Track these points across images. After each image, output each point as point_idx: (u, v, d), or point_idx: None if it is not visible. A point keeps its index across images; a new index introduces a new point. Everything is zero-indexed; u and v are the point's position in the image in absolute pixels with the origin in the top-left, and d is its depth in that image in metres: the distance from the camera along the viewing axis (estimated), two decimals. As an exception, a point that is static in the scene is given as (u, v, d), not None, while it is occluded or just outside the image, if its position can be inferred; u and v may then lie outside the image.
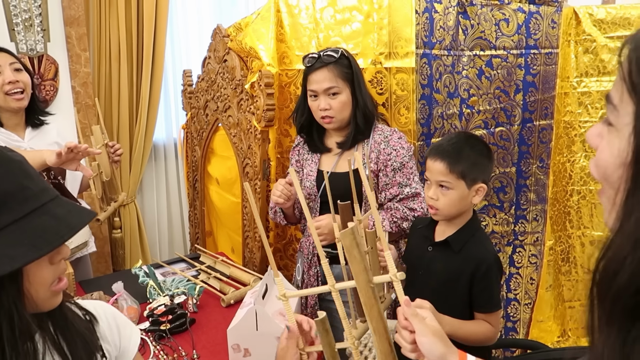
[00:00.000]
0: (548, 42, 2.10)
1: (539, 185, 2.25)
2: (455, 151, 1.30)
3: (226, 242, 2.45)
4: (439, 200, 1.31)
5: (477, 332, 1.29)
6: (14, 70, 1.75)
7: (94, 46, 2.55)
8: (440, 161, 1.30)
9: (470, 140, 1.35)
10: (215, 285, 1.83)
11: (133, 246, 2.80)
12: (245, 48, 1.97)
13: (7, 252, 0.59)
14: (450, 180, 1.29)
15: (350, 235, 0.80)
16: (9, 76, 1.72)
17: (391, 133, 1.63)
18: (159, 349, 1.45)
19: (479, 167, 1.30)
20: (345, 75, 1.60)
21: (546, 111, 2.19)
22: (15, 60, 1.78)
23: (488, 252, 1.32)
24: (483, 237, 1.37)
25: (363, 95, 1.63)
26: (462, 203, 1.31)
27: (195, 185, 2.59)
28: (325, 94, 1.60)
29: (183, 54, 2.94)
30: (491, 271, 1.30)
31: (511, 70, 2.04)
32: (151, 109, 2.71)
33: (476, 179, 1.30)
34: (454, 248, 1.32)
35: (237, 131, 2.10)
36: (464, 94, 1.96)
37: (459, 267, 1.29)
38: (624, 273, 0.43)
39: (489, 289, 1.30)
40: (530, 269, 2.31)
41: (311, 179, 1.71)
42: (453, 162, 1.28)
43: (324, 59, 1.59)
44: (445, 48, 1.86)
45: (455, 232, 1.34)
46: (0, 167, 0.64)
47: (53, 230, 0.64)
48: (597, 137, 0.53)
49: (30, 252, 0.61)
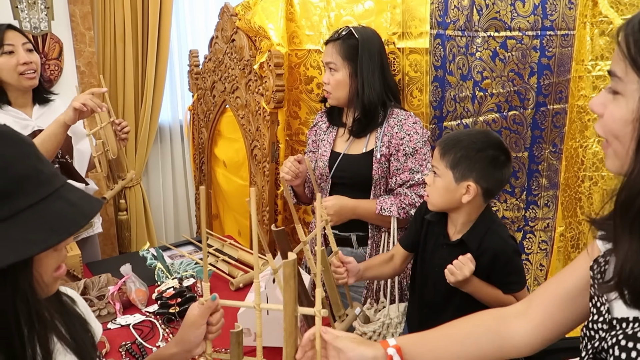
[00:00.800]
0: (565, 24, 2.04)
1: (551, 171, 2.21)
2: (453, 140, 1.27)
3: (233, 225, 2.43)
4: (431, 187, 1.30)
5: (499, 298, 1.27)
6: (27, 50, 1.74)
7: (99, 25, 2.50)
8: (437, 147, 1.29)
9: (477, 135, 1.28)
10: (223, 268, 1.81)
11: (139, 228, 2.79)
12: (254, 27, 1.92)
13: (28, 237, 0.59)
14: (439, 167, 1.27)
15: (291, 266, 0.83)
16: (23, 57, 1.72)
17: (406, 117, 1.59)
18: (167, 332, 1.44)
19: (469, 161, 1.24)
20: (348, 54, 1.57)
21: (560, 95, 2.14)
22: (27, 40, 1.77)
23: (506, 243, 1.29)
24: (499, 228, 1.32)
25: (366, 81, 1.57)
26: (449, 196, 1.27)
27: (201, 167, 2.56)
28: (328, 68, 1.61)
29: (189, 33, 2.89)
30: (512, 261, 1.28)
31: (526, 53, 1.99)
32: (157, 90, 2.67)
33: (466, 175, 1.24)
34: (471, 247, 1.28)
35: (245, 113, 2.06)
36: (477, 77, 1.92)
37: (476, 262, 1.25)
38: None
39: (512, 273, 1.28)
40: (540, 255, 2.29)
41: (324, 159, 1.68)
42: (445, 150, 1.26)
43: (333, 35, 1.62)
44: (459, 29, 1.81)
45: (469, 229, 1.31)
46: (15, 148, 0.63)
47: (69, 216, 0.64)
48: (601, 105, 0.66)
49: (51, 238, 0.61)
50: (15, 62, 1.70)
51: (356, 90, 1.59)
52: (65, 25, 2.43)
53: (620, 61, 0.61)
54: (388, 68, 1.64)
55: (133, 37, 2.54)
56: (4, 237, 0.58)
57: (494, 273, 1.27)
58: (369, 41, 1.59)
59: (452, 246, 1.32)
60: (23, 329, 0.62)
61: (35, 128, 1.80)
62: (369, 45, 1.59)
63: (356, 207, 1.58)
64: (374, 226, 1.64)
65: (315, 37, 1.88)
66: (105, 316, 1.49)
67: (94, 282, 1.57)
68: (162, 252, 1.83)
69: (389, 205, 1.56)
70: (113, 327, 1.46)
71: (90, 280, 1.57)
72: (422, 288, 1.42)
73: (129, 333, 1.44)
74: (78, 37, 2.45)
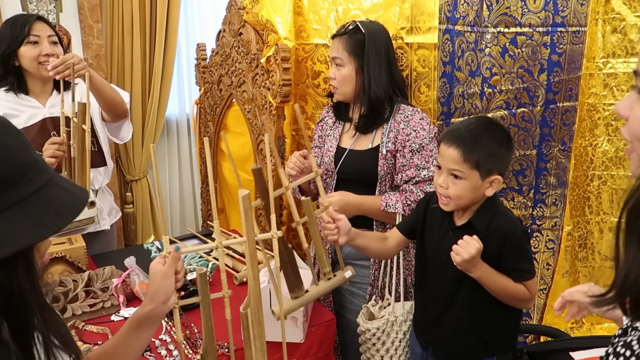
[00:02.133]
0: (576, 20, 2.01)
1: (560, 169, 2.19)
2: (473, 138, 1.21)
3: (238, 220, 2.43)
4: (449, 189, 1.24)
5: (508, 288, 1.24)
6: (51, 42, 1.79)
7: (107, 18, 2.50)
8: (454, 148, 1.22)
9: (490, 127, 1.26)
10: (228, 262, 1.81)
11: (145, 222, 2.80)
12: (262, 21, 1.91)
13: (38, 221, 0.61)
14: (463, 169, 1.22)
15: (247, 200, 1.04)
16: (46, 48, 1.76)
17: (413, 113, 1.58)
18: (171, 325, 1.44)
19: (496, 157, 1.22)
20: (354, 49, 1.56)
21: (571, 92, 2.11)
22: (53, 33, 1.81)
23: (515, 224, 1.27)
24: (506, 211, 1.32)
25: (372, 76, 1.56)
26: (474, 194, 1.24)
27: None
28: (334, 63, 1.60)
29: (197, 27, 2.88)
30: (521, 242, 1.25)
31: (536, 49, 1.97)
32: (164, 84, 2.67)
33: (492, 170, 1.22)
34: (478, 228, 1.26)
35: (251, 107, 2.06)
36: (486, 73, 1.90)
37: (486, 246, 1.23)
38: None
39: (520, 260, 1.25)
40: (547, 254, 2.27)
41: (330, 155, 1.67)
42: (468, 151, 1.20)
43: (340, 30, 1.60)
44: (469, 24, 1.79)
45: (476, 212, 1.29)
46: (17, 138, 0.65)
47: (69, 201, 0.66)
48: (627, 108, 0.64)
49: (58, 221, 0.63)
50: (37, 53, 1.75)
51: (362, 86, 1.57)
52: (74, 18, 2.43)
53: None
54: (395, 63, 1.62)
55: (141, 30, 2.54)
56: (17, 219, 0.59)
57: (503, 257, 1.24)
58: (376, 36, 1.57)
59: (459, 231, 1.28)
60: (36, 312, 0.64)
61: (46, 115, 1.84)
62: (376, 40, 1.57)
63: (361, 203, 1.57)
64: (379, 222, 1.63)
65: (323, 31, 1.87)
66: (108, 308, 1.50)
67: (98, 274, 1.57)
68: (167, 246, 1.83)
69: (394, 202, 1.54)
70: (116, 319, 1.47)
71: (94, 273, 1.57)
72: (428, 280, 1.39)
73: (132, 325, 1.44)
74: (86, 30, 2.45)
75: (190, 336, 1.40)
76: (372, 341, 1.54)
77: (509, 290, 1.24)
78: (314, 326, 1.47)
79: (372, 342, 1.54)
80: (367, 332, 1.53)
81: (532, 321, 2.29)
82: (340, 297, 1.75)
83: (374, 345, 1.54)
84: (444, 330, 1.36)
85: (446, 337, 1.36)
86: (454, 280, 1.29)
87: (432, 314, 1.39)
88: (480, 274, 1.22)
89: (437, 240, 1.36)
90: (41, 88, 1.85)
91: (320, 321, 1.50)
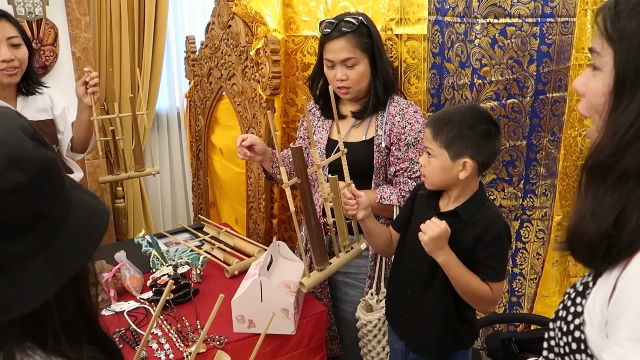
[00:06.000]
0: (565, 11, 2.02)
1: (550, 160, 2.20)
2: (446, 119, 1.26)
3: (230, 213, 2.43)
4: (425, 168, 1.30)
5: (472, 283, 1.23)
6: (11, 46, 1.66)
7: (94, 11, 2.48)
8: (428, 126, 1.28)
9: (467, 111, 1.27)
10: (219, 255, 1.81)
11: (136, 216, 2.79)
12: (251, 13, 1.90)
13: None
14: (433, 147, 1.26)
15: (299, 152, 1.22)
16: (4, 54, 1.63)
17: (407, 106, 1.57)
18: (162, 318, 1.44)
19: (463, 139, 1.24)
20: (364, 45, 1.53)
21: (560, 83, 2.12)
22: (15, 33, 1.67)
23: (499, 217, 1.28)
24: (493, 206, 1.34)
25: (384, 63, 1.56)
26: (445, 174, 1.27)
27: (198, 155, 2.55)
28: (343, 64, 1.53)
29: (186, 19, 2.86)
30: (500, 238, 1.25)
31: (525, 40, 1.97)
32: (153, 77, 2.65)
33: (461, 152, 1.24)
34: (463, 218, 1.27)
35: (241, 100, 2.05)
36: (475, 64, 1.90)
37: (465, 233, 1.24)
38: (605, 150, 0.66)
39: (495, 257, 1.25)
40: (537, 244, 2.28)
41: (321, 147, 1.67)
42: (438, 130, 1.25)
43: (342, 28, 1.50)
44: (458, 15, 1.79)
45: (463, 202, 1.30)
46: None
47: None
48: (583, 84, 0.72)
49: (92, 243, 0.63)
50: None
51: (374, 77, 1.56)
52: (61, 11, 2.40)
53: (598, 38, 0.68)
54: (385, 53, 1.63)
55: (129, 23, 2.52)
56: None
57: (479, 249, 1.24)
58: (374, 27, 1.57)
59: (443, 217, 1.28)
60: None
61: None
62: (376, 31, 1.57)
63: None
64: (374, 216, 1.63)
65: (313, 23, 1.86)
66: (99, 303, 1.49)
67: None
68: (158, 240, 1.83)
69: (389, 194, 1.55)
70: (107, 313, 1.46)
71: (85, 267, 1.56)
72: (404, 266, 1.39)
73: (123, 320, 1.44)
74: (73, 23, 2.42)
75: (182, 329, 1.40)
76: (373, 332, 1.55)
77: (472, 286, 1.24)
78: (305, 318, 1.48)
79: (374, 333, 1.55)
80: (369, 324, 1.54)
81: (522, 310, 2.31)
82: (336, 288, 1.75)
83: (375, 337, 1.55)
84: (416, 319, 1.36)
85: (420, 327, 1.36)
86: (430, 266, 1.28)
87: (406, 302, 1.39)
88: (446, 259, 1.22)
89: (417, 227, 1.36)
90: (5, 93, 1.73)
91: (311, 313, 1.50)
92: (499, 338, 1.43)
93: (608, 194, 0.66)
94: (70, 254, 0.57)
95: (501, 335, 1.48)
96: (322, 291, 1.73)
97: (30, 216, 0.54)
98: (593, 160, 0.68)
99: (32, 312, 0.53)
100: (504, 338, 1.30)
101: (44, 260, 0.54)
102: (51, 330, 0.57)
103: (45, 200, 0.55)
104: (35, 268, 0.54)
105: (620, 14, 0.66)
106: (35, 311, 0.53)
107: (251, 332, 1.39)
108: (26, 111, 1.79)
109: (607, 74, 0.67)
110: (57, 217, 0.57)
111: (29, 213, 0.54)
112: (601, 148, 0.67)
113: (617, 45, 0.66)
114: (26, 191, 0.53)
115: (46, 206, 0.55)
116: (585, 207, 0.68)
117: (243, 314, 1.38)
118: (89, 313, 0.63)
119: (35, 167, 0.54)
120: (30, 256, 0.54)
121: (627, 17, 0.66)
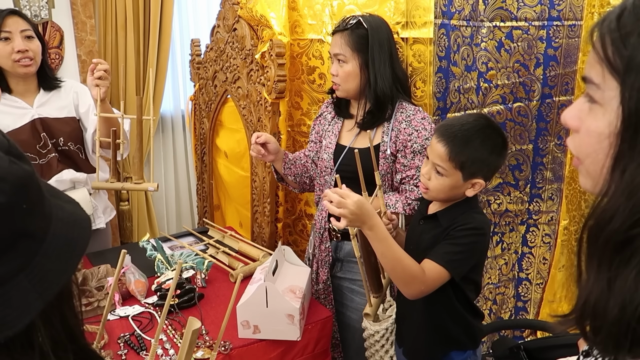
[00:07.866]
0: (572, 14, 2.00)
1: (556, 164, 2.19)
2: (464, 139, 1.18)
3: (234, 217, 2.42)
4: (430, 182, 1.24)
5: (402, 258, 1.16)
6: (25, 37, 1.70)
7: (100, 14, 2.48)
8: (443, 145, 1.19)
9: (486, 130, 1.22)
10: (223, 260, 1.81)
11: (140, 219, 2.78)
12: (256, 16, 1.90)
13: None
14: (447, 167, 1.20)
15: None
16: (18, 44, 1.68)
17: (414, 113, 1.55)
18: (167, 323, 1.43)
19: (482, 163, 1.20)
20: (357, 45, 1.52)
21: (567, 87, 2.11)
22: (28, 27, 1.72)
23: (474, 218, 1.23)
24: (476, 213, 1.27)
25: (378, 72, 1.53)
26: (453, 192, 1.24)
27: (203, 158, 2.54)
28: (336, 59, 1.57)
29: (191, 22, 2.86)
30: (465, 229, 1.19)
31: (532, 43, 1.96)
32: (158, 80, 2.65)
33: (475, 173, 1.20)
34: (442, 223, 1.24)
35: (246, 103, 2.04)
36: (482, 68, 1.89)
37: (438, 233, 1.21)
38: (618, 217, 0.50)
39: (449, 242, 1.19)
40: (544, 249, 2.27)
41: (329, 152, 1.66)
42: (456, 151, 1.18)
43: (341, 25, 1.57)
44: (465, 18, 1.78)
45: (446, 207, 1.27)
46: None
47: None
48: (576, 119, 0.56)
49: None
50: (10, 50, 1.67)
51: (367, 82, 1.55)
52: (66, 13, 2.40)
53: (597, 64, 0.52)
54: (397, 58, 1.59)
55: (134, 26, 2.52)
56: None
57: (439, 241, 1.21)
58: (379, 30, 1.54)
59: (427, 220, 1.27)
60: None
61: (35, 116, 1.78)
62: (379, 34, 1.53)
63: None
64: None
65: (318, 27, 1.85)
66: (104, 307, 1.49)
67: (93, 273, 1.56)
68: (162, 243, 1.83)
69: (394, 202, 1.53)
70: (112, 318, 1.46)
71: (89, 271, 1.56)
72: None
73: (128, 324, 1.43)
74: (79, 26, 2.43)
75: (187, 335, 1.39)
76: (380, 342, 1.53)
77: (404, 264, 1.16)
78: (310, 323, 1.47)
79: (381, 343, 1.52)
80: (376, 334, 1.52)
81: (528, 316, 2.29)
82: (341, 294, 1.74)
83: (383, 347, 1.53)
84: (409, 325, 1.36)
85: (411, 333, 1.35)
86: None
87: (401, 308, 1.38)
88: (374, 224, 1.15)
89: (411, 228, 1.36)
90: (24, 87, 1.78)
91: (317, 318, 1.50)
92: (507, 345, 1.41)
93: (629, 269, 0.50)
94: (53, 271, 0.54)
95: (509, 342, 1.46)
96: (326, 297, 1.72)
97: (11, 237, 0.51)
98: (607, 232, 0.51)
99: (18, 334, 0.51)
100: (513, 345, 1.28)
101: (27, 280, 0.52)
102: (38, 349, 0.55)
103: (25, 218, 0.52)
104: (18, 289, 0.51)
105: (628, 37, 0.50)
106: (21, 332, 0.51)
107: (256, 338, 1.38)
108: (44, 107, 1.80)
109: (610, 111, 0.52)
110: (38, 233, 0.54)
111: (10, 234, 0.51)
112: (612, 214, 0.51)
113: (625, 78, 0.50)
114: (5, 212, 0.50)
115: (26, 224, 0.53)
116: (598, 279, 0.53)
117: (248, 319, 1.37)
118: (75, 328, 0.61)
119: (13, 185, 0.51)
120: (12, 277, 0.51)
121: (638, 42, 0.49)
